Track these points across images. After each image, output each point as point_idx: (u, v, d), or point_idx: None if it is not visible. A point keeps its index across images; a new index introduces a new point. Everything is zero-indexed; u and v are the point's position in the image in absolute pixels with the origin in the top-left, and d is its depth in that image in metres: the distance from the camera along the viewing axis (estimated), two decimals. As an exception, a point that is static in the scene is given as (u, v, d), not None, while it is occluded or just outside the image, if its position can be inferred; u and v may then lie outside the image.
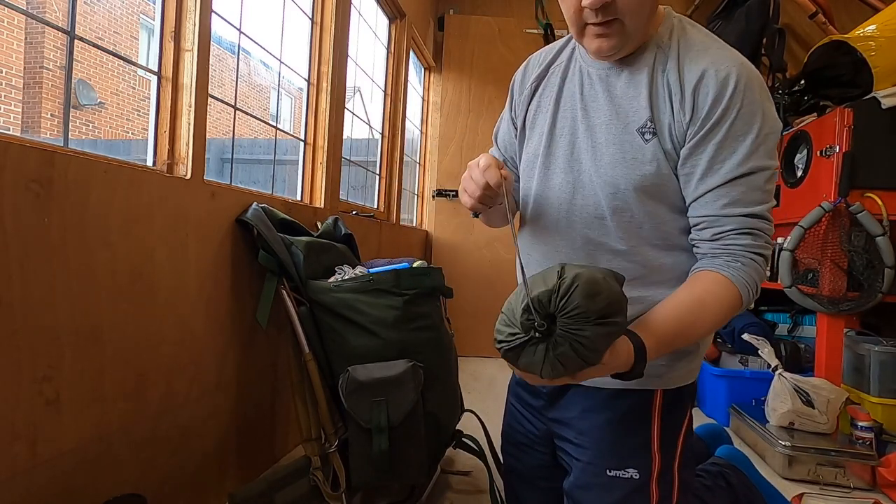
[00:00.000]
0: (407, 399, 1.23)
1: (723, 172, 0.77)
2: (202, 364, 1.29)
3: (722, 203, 0.77)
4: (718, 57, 0.78)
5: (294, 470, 1.26)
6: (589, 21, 0.78)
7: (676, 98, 0.79)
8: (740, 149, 0.76)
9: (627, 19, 0.77)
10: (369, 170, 2.87)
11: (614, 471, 0.88)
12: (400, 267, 1.40)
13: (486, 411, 1.67)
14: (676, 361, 0.88)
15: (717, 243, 0.79)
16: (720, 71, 0.76)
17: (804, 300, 2.11)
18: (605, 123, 0.84)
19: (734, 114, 0.75)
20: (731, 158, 0.76)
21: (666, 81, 0.80)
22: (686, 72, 0.78)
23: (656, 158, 0.80)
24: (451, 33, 3.47)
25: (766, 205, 0.79)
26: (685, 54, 0.80)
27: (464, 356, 2.92)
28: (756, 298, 0.81)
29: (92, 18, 7.17)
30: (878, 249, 1.94)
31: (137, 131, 7.76)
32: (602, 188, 0.84)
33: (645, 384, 0.86)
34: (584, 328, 0.63)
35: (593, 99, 0.87)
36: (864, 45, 2.07)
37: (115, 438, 1.05)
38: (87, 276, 0.97)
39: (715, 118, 0.76)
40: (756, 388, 2.15)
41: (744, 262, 0.78)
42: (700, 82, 0.77)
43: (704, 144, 0.77)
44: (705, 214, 0.79)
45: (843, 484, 1.71)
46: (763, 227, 0.78)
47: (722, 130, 0.76)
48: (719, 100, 0.76)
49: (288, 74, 1.95)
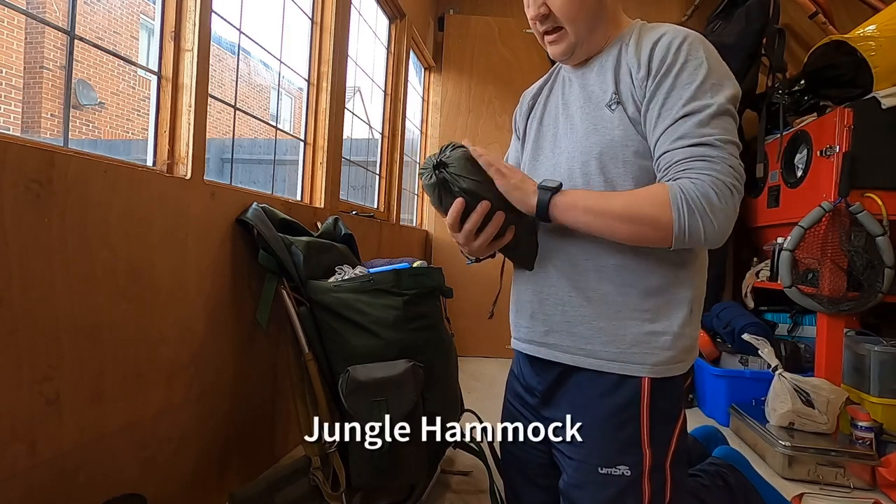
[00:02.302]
0: (407, 399, 1.23)
1: (671, 115, 0.82)
2: (202, 364, 1.29)
3: (672, 139, 0.82)
4: (669, 29, 0.87)
5: (294, 470, 1.26)
6: (539, 30, 0.94)
7: (634, 66, 0.88)
8: (685, 94, 0.82)
9: (568, 26, 0.91)
10: (369, 170, 2.87)
11: (606, 468, 0.89)
12: (400, 267, 1.40)
13: (486, 411, 1.66)
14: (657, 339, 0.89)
15: (668, 173, 0.82)
16: (669, 35, 0.86)
17: (804, 300, 2.11)
18: (581, 108, 0.95)
19: (679, 66, 0.83)
20: (679, 102, 0.82)
21: (627, 58, 0.90)
22: (642, 45, 0.88)
23: (622, 123, 0.88)
24: (451, 33, 3.47)
25: (718, 136, 0.80)
26: (643, 35, 0.90)
27: (464, 356, 2.92)
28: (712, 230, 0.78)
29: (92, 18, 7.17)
30: (878, 249, 1.94)
31: (137, 131, 7.76)
32: (577, 160, 0.92)
33: (627, 370, 0.89)
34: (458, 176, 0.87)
35: (571, 94, 0.98)
36: (864, 45, 2.07)
37: (115, 438, 1.05)
38: (87, 276, 0.97)
39: (663, 70, 0.84)
40: (756, 388, 2.15)
41: (687, 180, 0.79)
42: (654, 47, 0.86)
43: (657, 95, 0.84)
44: (660, 153, 0.83)
45: (843, 484, 1.71)
46: (713, 154, 0.79)
47: (669, 80, 0.83)
48: (666, 56, 0.84)
49: (288, 74, 1.95)
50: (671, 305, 0.89)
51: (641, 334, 0.88)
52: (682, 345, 0.89)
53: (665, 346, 0.88)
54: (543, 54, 1.82)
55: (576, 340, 0.93)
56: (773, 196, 2.61)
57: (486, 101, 3.44)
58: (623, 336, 0.89)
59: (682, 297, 0.89)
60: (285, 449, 1.73)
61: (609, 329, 0.90)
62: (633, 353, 0.89)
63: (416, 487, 1.45)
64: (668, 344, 0.88)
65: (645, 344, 0.88)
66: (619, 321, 0.89)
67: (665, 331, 0.88)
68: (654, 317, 0.89)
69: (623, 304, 0.89)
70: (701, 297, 0.94)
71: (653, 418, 0.89)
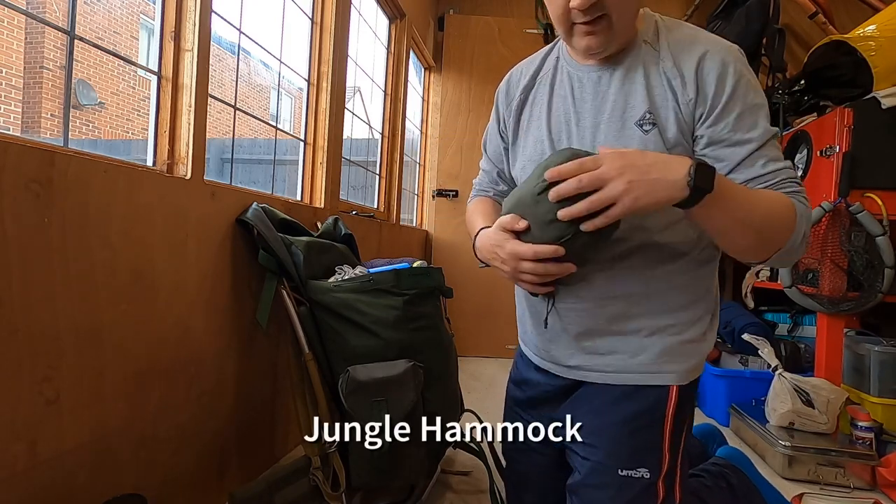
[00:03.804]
0: (407, 399, 1.23)
1: (753, 142, 0.80)
2: (202, 364, 1.29)
3: (761, 163, 0.80)
4: (709, 42, 0.83)
5: (294, 470, 1.26)
6: (577, 21, 0.81)
7: (677, 82, 0.82)
8: (759, 119, 0.80)
9: (615, 16, 0.80)
10: (369, 170, 2.87)
11: (626, 470, 0.88)
12: (400, 267, 1.40)
13: (486, 411, 1.66)
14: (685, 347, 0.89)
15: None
16: (716, 54, 0.81)
17: (804, 300, 2.11)
18: (605, 123, 0.86)
19: (744, 88, 0.80)
20: (757, 127, 0.80)
21: (662, 72, 0.83)
22: (683, 59, 0.82)
23: (657, 147, 0.82)
24: (451, 33, 3.47)
25: (784, 157, 0.82)
26: (676, 45, 0.84)
27: (464, 356, 2.92)
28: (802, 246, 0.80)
29: (92, 18, 7.17)
30: (878, 249, 1.94)
31: (137, 131, 7.76)
32: None
33: (657, 380, 0.88)
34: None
35: (584, 101, 0.89)
36: (864, 45, 2.07)
37: (115, 438, 1.05)
38: (87, 276, 0.97)
39: (727, 94, 0.79)
40: (756, 388, 2.14)
41: (798, 201, 0.79)
42: (700, 64, 0.81)
43: (724, 118, 0.80)
44: (749, 178, 0.81)
45: (843, 484, 1.71)
46: (797, 178, 0.81)
47: (737, 104, 0.79)
48: (724, 77, 0.79)
49: (288, 74, 1.95)
50: (697, 316, 0.90)
51: (670, 346, 0.89)
52: (705, 349, 0.91)
53: (691, 353, 0.90)
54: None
55: (602, 359, 0.91)
56: (773, 196, 2.60)
57: (486, 101, 3.44)
58: (654, 349, 0.89)
59: (705, 307, 0.91)
60: (285, 449, 1.73)
61: (639, 344, 0.89)
62: (661, 362, 0.89)
63: (416, 487, 1.45)
64: (694, 350, 0.90)
65: (673, 354, 0.89)
66: (647, 338, 0.89)
67: (692, 339, 0.90)
68: (681, 330, 0.89)
69: (652, 325, 0.89)
70: (718, 303, 0.95)
71: (675, 422, 0.89)
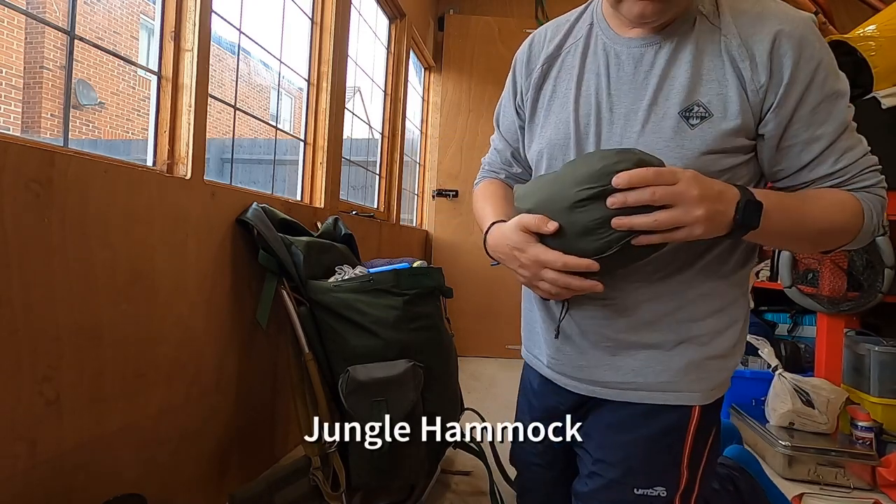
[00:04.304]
0: (407, 399, 1.23)
1: (828, 136, 0.71)
2: (202, 364, 1.29)
3: (833, 160, 0.72)
4: (783, 17, 0.70)
5: (294, 470, 1.26)
6: None
7: (745, 65, 0.70)
8: (837, 109, 0.71)
9: None
10: (369, 170, 2.86)
11: (642, 489, 0.83)
12: (400, 267, 1.40)
13: (486, 411, 1.66)
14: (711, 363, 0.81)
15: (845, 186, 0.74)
16: (794, 31, 0.69)
17: (804, 300, 2.11)
18: (644, 110, 0.74)
19: (823, 74, 0.70)
20: (831, 119, 0.71)
21: (725, 51, 0.71)
22: (753, 36, 0.70)
23: (705, 143, 0.71)
24: (451, 33, 3.47)
25: (863, 139, 0.75)
26: (742, 19, 0.72)
27: (464, 356, 2.92)
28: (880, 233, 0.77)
29: (92, 18, 7.17)
30: (878, 249, 1.94)
31: (137, 131, 7.76)
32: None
33: (681, 400, 0.81)
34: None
35: (621, 81, 0.77)
36: (864, 45, 2.07)
37: (115, 438, 1.05)
38: (87, 276, 0.97)
39: (804, 83, 0.69)
40: (756, 388, 2.14)
41: (869, 193, 0.74)
42: (775, 45, 0.69)
43: (798, 112, 0.71)
44: (818, 177, 0.74)
45: (843, 484, 1.71)
46: (875, 161, 0.74)
47: (814, 94, 0.70)
48: (802, 62, 0.69)
49: (288, 74, 1.95)
50: (726, 325, 0.81)
51: (697, 360, 0.80)
52: (732, 364, 0.83)
53: (719, 368, 0.81)
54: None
55: (621, 374, 0.82)
56: (773, 196, 2.60)
57: (486, 101, 3.44)
58: (677, 364, 0.79)
59: (736, 316, 0.81)
60: (285, 449, 1.73)
61: (661, 359, 0.80)
62: (687, 380, 0.80)
63: (416, 487, 1.45)
64: (721, 366, 0.82)
65: (700, 370, 0.80)
66: (672, 349, 0.80)
67: (719, 353, 0.81)
68: (709, 340, 0.80)
69: (676, 336, 0.79)
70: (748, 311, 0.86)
71: (696, 441, 0.83)
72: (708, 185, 0.65)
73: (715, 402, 0.84)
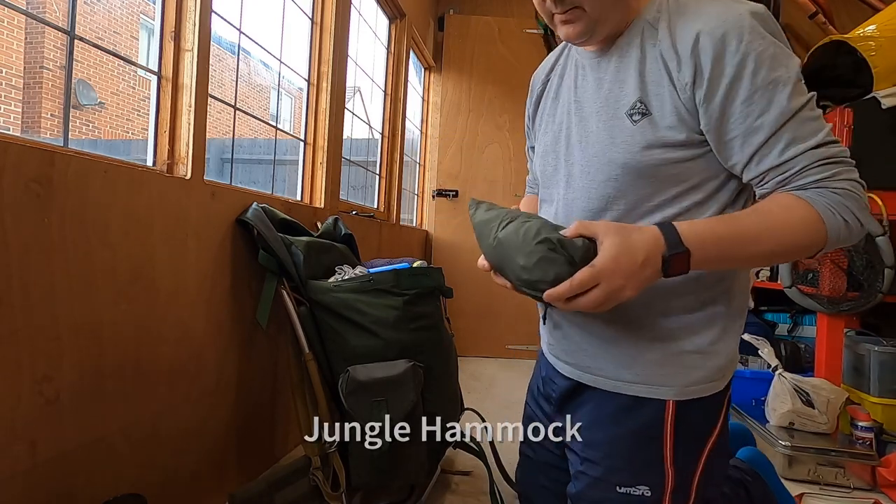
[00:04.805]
0: (407, 399, 1.23)
1: (767, 126, 0.70)
2: (202, 364, 1.29)
3: (778, 150, 0.70)
4: (712, 17, 0.72)
5: (294, 470, 1.26)
6: (553, 11, 0.78)
7: (673, 64, 0.73)
8: (776, 97, 0.70)
9: (587, 5, 0.75)
10: (369, 170, 2.87)
11: (625, 487, 0.83)
12: (400, 267, 1.40)
13: (486, 411, 1.66)
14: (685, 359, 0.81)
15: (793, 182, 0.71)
16: (715, 30, 0.70)
17: (804, 300, 2.11)
18: (596, 112, 0.81)
19: (752, 64, 0.69)
20: (770, 110, 0.70)
21: (658, 54, 0.75)
22: (679, 37, 0.73)
23: (646, 138, 0.75)
24: (451, 33, 3.47)
25: (825, 129, 0.70)
26: (676, 20, 0.75)
27: (464, 356, 2.92)
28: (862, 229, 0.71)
29: (92, 18, 7.17)
30: (878, 249, 1.94)
31: (137, 131, 7.76)
32: (594, 179, 0.81)
33: (652, 393, 0.81)
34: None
35: (585, 90, 0.84)
36: (864, 45, 2.07)
37: (115, 438, 1.05)
38: (87, 276, 0.97)
39: (728, 78, 0.70)
40: (756, 388, 2.14)
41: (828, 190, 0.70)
42: (696, 44, 0.71)
43: (730, 108, 0.71)
44: (764, 170, 0.72)
45: (843, 484, 1.71)
46: (835, 153, 0.70)
47: (743, 87, 0.70)
48: (722, 57, 0.70)
49: (288, 74, 1.95)
50: (704, 322, 0.81)
51: (669, 354, 0.81)
52: (714, 363, 0.81)
53: (694, 365, 0.81)
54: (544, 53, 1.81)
55: (597, 362, 0.85)
56: (773, 196, 2.60)
57: (486, 101, 3.44)
58: (649, 358, 0.81)
59: (716, 313, 0.81)
60: (285, 449, 1.73)
61: (633, 352, 0.82)
62: (659, 374, 0.81)
63: (416, 487, 1.45)
64: (699, 363, 0.81)
65: (672, 364, 0.81)
66: (645, 342, 0.82)
67: (696, 350, 0.81)
68: (685, 335, 0.81)
69: (650, 325, 0.81)
70: (741, 310, 0.85)
71: (678, 438, 0.82)
72: (629, 263, 0.67)
73: (702, 400, 0.82)
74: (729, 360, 0.83)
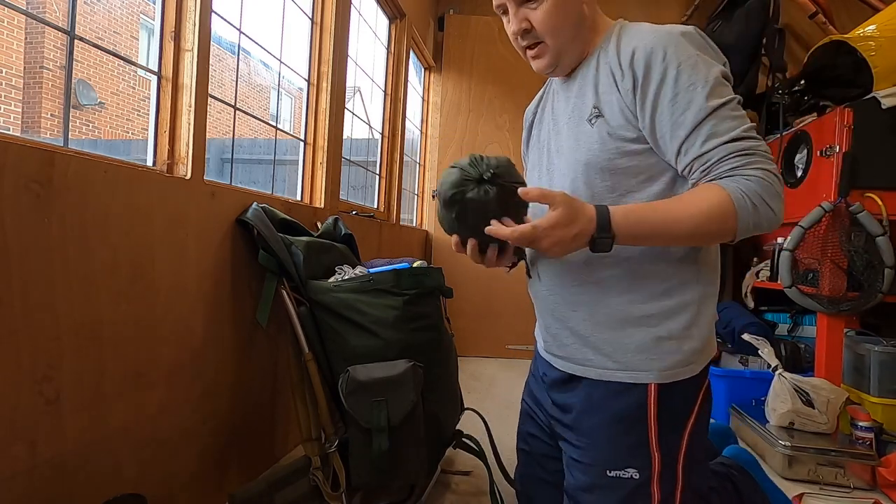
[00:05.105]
0: (407, 399, 1.23)
1: (689, 121, 0.81)
2: (202, 364, 1.29)
3: (699, 142, 0.81)
4: (647, 36, 0.85)
5: (294, 470, 1.26)
6: (521, 45, 0.93)
7: (617, 73, 0.87)
8: (696, 97, 0.81)
9: (549, 40, 0.90)
10: (369, 170, 2.87)
11: (614, 471, 0.89)
12: (400, 267, 1.40)
13: (486, 411, 1.66)
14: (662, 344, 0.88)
15: (711, 173, 0.82)
16: (647, 44, 0.84)
17: (804, 300, 2.11)
18: (566, 123, 0.95)
19: (675, 71, 0.82)
20: (691, 107, 0.81)
21: (608, 69, 0.88)
22: (622, 53, 0.87)
23: (601, 137, 0.88)
24: (451, 33, 3.47)
25: (743, 126, 0.81)
26: (621, 41, 0.89)
27: (464, 356, 2.92)
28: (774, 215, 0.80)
29: (92, 18, 7.17)
30: (878, 249, 1.94)
31: (137, 131, 7.76)
32: (567, 177, 0.93)
33: (634, 378, 0.89)
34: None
35: (558, 108, 0.99)
36: (864, 45, 2.07)
37: (115, 438, 1.05)
38: (87, 276, 0.97)
39: (655, 83, 0.83)
40: (756, 388, 2.14)
41: (740, 177, 0.80)
42: (633, 57, 0.85)
43: (659, 107, 0.83)
44: (689, 160, 0.83)
45: (843, 484, 1.71)
46: (750, 146, 0.80)
47: (668, 89, 0.82)
48: (653, 65, 0.83)
49: (288, 74, 1.95)
50: (675, 308, 0.88)
51: (647, 341, 0.88)
52: (689, 347, 0.88)
53: (671, 350, 0.88)
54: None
55: (583, 352, 0.94)
56: (773, 196, 2.60)
57: (486, 101, 3.44)
58: (628, 344, 0.89)
59: (687, 299, 0.89)
60: (285, 449, 1.73)
61: (613, 339, 0.90)
62: (639, 360, 0.88)
63: (416, 487, 1.45)
64: (675, 348, 0.88)
65: (651, 350, 0.88)
66: (622, 330, 0.90)
67: (670, 335, 0.88)
68: (658, 322, 0.88)
69: (626, 313, 0.89)
70: (710, 295, 0.92)
71: (661, 421, 0.88)
72: (562, 233, 0.79)
73: (681, 383, 0.89)
74: (704, 344, 0.90)
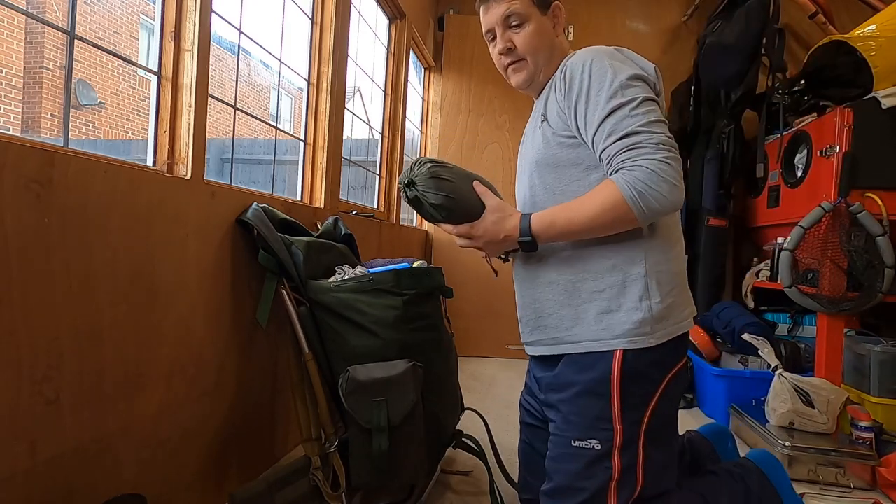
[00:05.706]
0: (407, 399, 1.23)
1: (596, 118, 0.96)
2: (202, 364, 1.29)
3: (602, 139, 0.96)
4: (577, 55, 1.04)
5: (294, 470, 1.26)
6: (504, 63, 1.13)
7: (558, 87, 1.05)
8: (601, 98, 0.96)
9: (529, 57, 1.09)
10: (369, 170, 2.87)
11: (578, 441, 0.98)
12: (400, 267, 1.40)
13: (486, 411, 1.67)
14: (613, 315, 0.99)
15: (611, 166, 0.95)
16: (575, 61, 1.03)
17: (804, 300, 2.11)
18: (529, 135, 1.16)
19: (589, 77, 0.98)
20: (597, 109, 0.96)
21: (554, 84, 1.08)
22: (564, 68, 1.06)
23: (545, 137, 1.07)
24: (451, 33, 3.47)
25: (640, 122, 0.92)
26: (566, 62, 1.07)
27: (464, 356, 2.92)
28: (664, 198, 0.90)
29: (92, 18, 7.17)
30: (878, 249, 1.94)
31: (137, 131, 7.76)
32: (526, 174, 1.12)
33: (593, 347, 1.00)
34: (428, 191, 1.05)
35: (528, 125, 1.20)
36: (864, 45, 2.07)
37: (115, 438, 1.05)
38: (87, 276, 0.97)
39: (578, 85, 1.00)
40: (756, 388, 2.14)
41: (626, 170, 0.92)
42: (564, 72, 1.04)
43: (579, 107, 0.99)
44: (600, 152, 0.97)
45: (843, 484, 1.71)
46: (640, 140, 0.92)
47: (583, 96, 0.98)
48: (576, 73, 1.01)
49: (288, 74, 1.95)
50: (625, 283, 0.99)
51: (600, 313, 1.00)
52: (639, 317, 0.98)
53: (622, 321, 0.98)
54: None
55: (548, 332, 1.07)
56: (773, 196, 2.61)
57: (486, 100, 3.44)
58: (585, 318, 1.01)
59: (635, 274, 1.00)
60: (285, 449, 1.73)
61: (572, 315, 1.03)
62: (594, 331, 1.00)
63: (416, 487, 1.45)
64: (625, 318, 0.98)
65: (605, 321, 0.99)
66: (579, 305, 1.02)
67: (620, 307, 0.99)
68: (609, 296, 1.00)
69: (580, 289, 1.02)
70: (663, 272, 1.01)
71: (623, 395, 0.96)
72: (493, 235, 1.04)
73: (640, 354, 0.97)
74: (655, 314, 0.98)
